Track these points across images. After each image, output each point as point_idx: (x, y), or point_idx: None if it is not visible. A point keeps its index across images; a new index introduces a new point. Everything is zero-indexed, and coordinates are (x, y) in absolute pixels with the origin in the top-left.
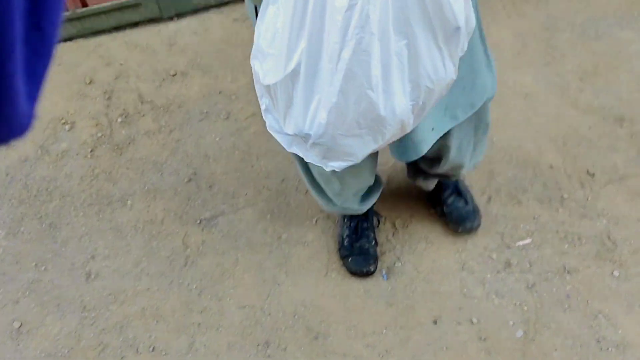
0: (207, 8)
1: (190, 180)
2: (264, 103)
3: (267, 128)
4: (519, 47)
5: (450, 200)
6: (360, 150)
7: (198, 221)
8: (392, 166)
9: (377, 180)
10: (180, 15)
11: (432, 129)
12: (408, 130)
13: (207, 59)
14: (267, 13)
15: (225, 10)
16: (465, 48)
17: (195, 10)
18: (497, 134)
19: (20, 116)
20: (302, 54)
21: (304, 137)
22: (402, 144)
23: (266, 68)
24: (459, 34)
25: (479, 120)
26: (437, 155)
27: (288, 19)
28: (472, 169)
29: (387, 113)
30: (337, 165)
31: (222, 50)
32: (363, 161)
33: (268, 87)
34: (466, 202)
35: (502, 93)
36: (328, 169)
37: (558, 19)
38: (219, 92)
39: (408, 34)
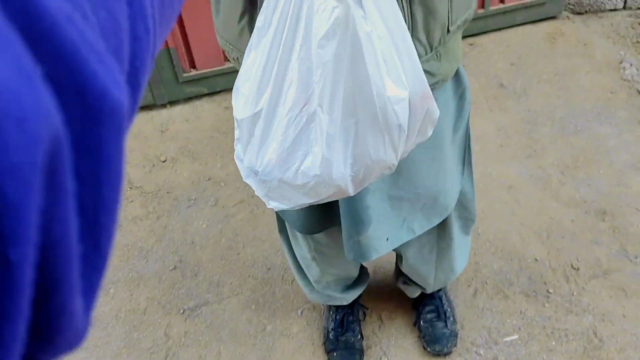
0: (199, 96)
1: (175, 267)
2: (236, 133)
3: (235, 156)
4: (502, 140)
5: (428, 316)
6: (297, 199)
7: (181, 311)
8: (378, 258)
9: (363, 272)
10: (173, 102)
11: (387, 239)
12: (347, 195)
13: (198, 146)
14: (249, 57)
15: (217, 98)
16: (412, 147)
17: (188, 98)
18: (482, 225)
19: (78, 330)
20: (266, 100)
21: (255, 172)
22: (351, 244)
23: (238, 104)
24: (401, 131)
25: (441, 234)
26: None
27: (261, 66)
28: (448, 280)
29: (324, 176)
30: (276, 205)
31: (212, 137)
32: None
33: (238, 120)
34: (445, 324)
35: (486, 185)
36: (269, 206)
37: (538, 114)
38: (208, 179)
39: (357, 115)
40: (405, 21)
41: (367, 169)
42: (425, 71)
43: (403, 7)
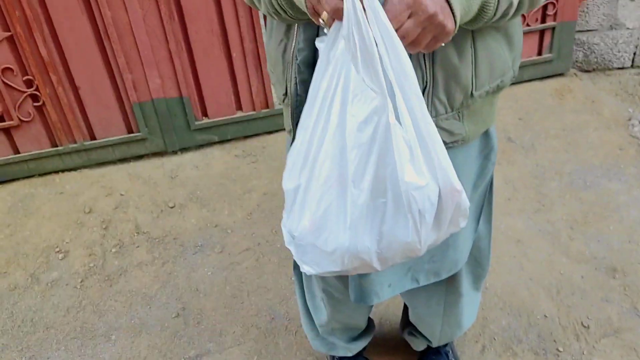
0: (210, 144)
1: (178, 315)
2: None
3: (281, 223)
4: (510, 193)
5: None
6: (326, 265)
7: None
8: (384, 307)
9: (370, 324)
10: (184, 149)
11: (389, 285)
12: (373, 270)
13: (206, 192)
14: (297, 139)
15: (227, 146)
16: (445, 237)
17: (199, 146)
18: (490, 279)
19: None
20: (305, 175)
21: (293, 237)
22: (353, 286)
23: (286, 176)
24: (421, 217)
25: (449, 288)
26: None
27: (304, 144)
28: (455, 335)
29: (351, 247)
30: (307, 269)
31: (221, 185)
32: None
33: (284, 190)
34: None
35: (494, 238)
36: (302, 270)
37: (547, 168)
38: (215, 226)
39: (386, 196)
40: (427, 81)
41: (392, 248)
42: (443, 129)
43: (426, 67)
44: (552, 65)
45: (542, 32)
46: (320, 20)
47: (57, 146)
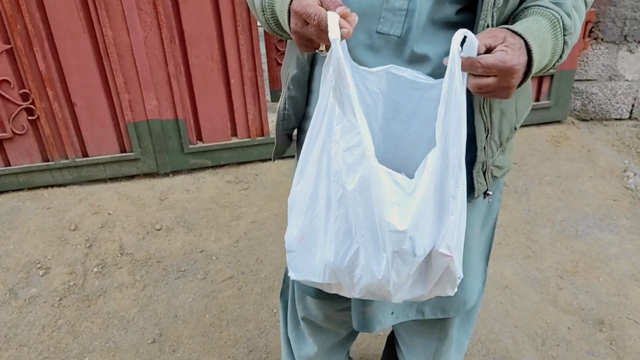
0: (202, 168)
1: (154, 341)
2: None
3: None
4: (500, 238)
5: None
6: (308, 274)
7: None
8: (366, 347)
9: None
10: (176, 172)
11: (392, 313)
12: (346, 295)
13: (195, 217)
14: (298, 185)
15: (220, 171)
16: (429, 296)
17: (191, 169)
18: (475, 325)
19: None
20: (297, 189)
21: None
22: (356, 314)
23: (290, 220)
24: (396, 259)
25: (443, 330)
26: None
27: (300, 162)
28: None
29: (333, 264)
30: (291, 274)
31: (210, 210)
32: (335, 335)
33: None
34: None
35: None
36: (289, 274)
37: (539, 215)
38: (201, 251)
39: (364, 228)
40: (488, 128)
41: (363, 279)
42: (496, 166)
43: (486, 115)
44: (549, 112)
45: (540, 79)
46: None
47: (48, 161)
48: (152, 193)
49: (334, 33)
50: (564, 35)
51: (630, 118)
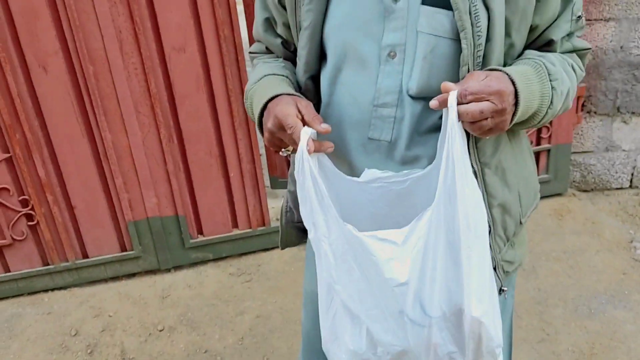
0: (204, 262)
1: None
2: None
3: None
4: (513, 321)
5: None
6: None
7: None
8: None
9: None
10: (177, 267)
11: None
12: None
13: (198, 314)
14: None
15: (222, 264)
16: None
17: (193, 264)
18: None
19: None
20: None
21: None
22: None
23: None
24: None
25: None
26: None
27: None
28: None
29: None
30: None
31: (213, 306)
32: None
33: None
34: None
35: None
36: None
37: (549, 294)
38: (205, 351)
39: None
40: (490, 224)
41: (387, 354)
42: (506, 261)
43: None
44: (549, 185)
45: (537, 154)
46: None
47: (48, 265)
48: (154, 291)
49: (304, 148)
50: (550, 80)
51: (631, 187)
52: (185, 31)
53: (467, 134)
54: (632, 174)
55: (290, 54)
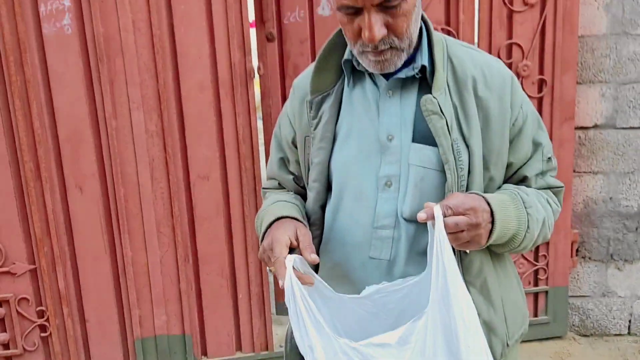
0: None
1: None
2: None
3: None
4: None
5: None
6: None
7: None
8: None
9: None
10: None
11: None
12: None
13: None
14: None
15: None
16: None
17: None
18: None
19: None
20: None
21: None
22: None
23: None
24: None
25: None
26: None
27: None
28: None
29: None
30: None
31: None
32: None
33: None
34: None
35: None
36: None
37: None
38: None
39: None
40: None
41: None
42: None
43: None
44: (549, 327)
45: (536, 295)
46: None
47: None
48: None
49: (291, 274)
50: (525, 207)
51: (629, 333)
52: (211, 162)
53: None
54: (630, 321)
55: (300, 189)
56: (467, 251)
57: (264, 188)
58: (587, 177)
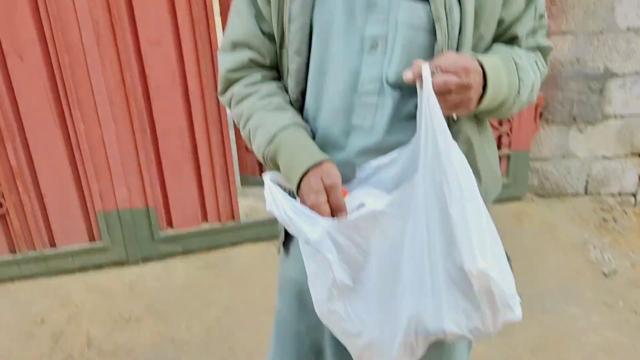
0: (173, 255)
1: None
2: None
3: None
4: None
5: None
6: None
7: None
8: None
9: None
10: (146, 259)
11: None
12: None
13: (165, 305)
14: None
15: (191, 257)
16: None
17: (162, 256)
18: None
19: None
20: None
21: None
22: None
23: None
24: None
25: None
26: None
27: None
28: None
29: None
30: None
31: (181, 298)
32: None
33: None
34: None
35: None
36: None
37: None
38: (171, 341)
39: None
40: None
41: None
42: None
43: None
44: (509, 189)
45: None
46: None
47: (15, 253)
48: (122, 282)
49: (269, 184)
50: (517, 71)
51: (586, 193)
52: (161, 26)
53: None
54: (587, 181)
55: (274, 58)
56: (455, 117)
57: (230, 70)
58: (556, 39)
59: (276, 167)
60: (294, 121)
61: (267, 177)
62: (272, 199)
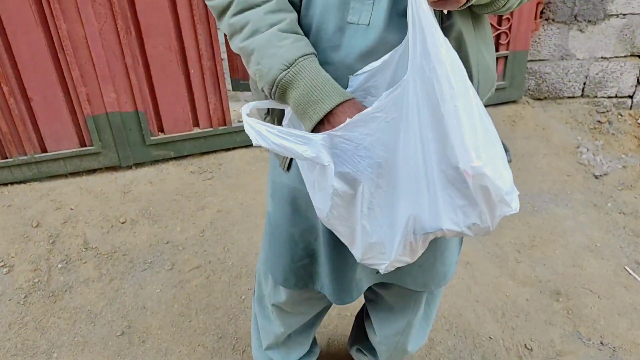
0: (165, 160)
1: (123, 333)
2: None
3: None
4: None
5: None
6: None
7: None
8: (334, 327)
9: (313, 345)
10: (138, 164)
11: (377, 272)
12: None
13: (159, 208)
14: None
15: (184, 162)
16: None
17: (154, 161)
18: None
19: None
20: None
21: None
22: (334, 287)
23: None
24: None
25: (417, 302)
26: (382, 317)
27: None
28: (407, 354)
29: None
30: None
31: (175, 201)
32: (302, 318)
33: None
34: None
35: None
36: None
37: None
38: (167, 242)
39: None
40: None
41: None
42: None
43: None
44: (505, 92)
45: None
46: None
47: (6, 158)
48: (115, 186)
49: (246, 119)
50: None
51: (582, 96)
52: None
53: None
54: (584, 83)
55: None
56: (446, 12)
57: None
58: None
59: (282, 94)
60: (312, 51)
61: (244, 113)
62: (256, 134)
